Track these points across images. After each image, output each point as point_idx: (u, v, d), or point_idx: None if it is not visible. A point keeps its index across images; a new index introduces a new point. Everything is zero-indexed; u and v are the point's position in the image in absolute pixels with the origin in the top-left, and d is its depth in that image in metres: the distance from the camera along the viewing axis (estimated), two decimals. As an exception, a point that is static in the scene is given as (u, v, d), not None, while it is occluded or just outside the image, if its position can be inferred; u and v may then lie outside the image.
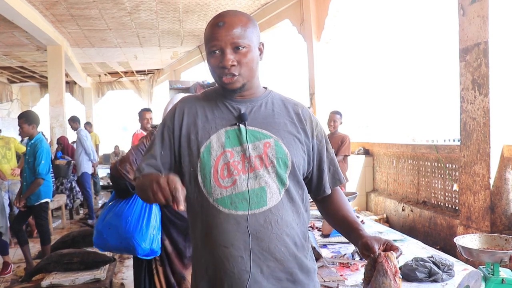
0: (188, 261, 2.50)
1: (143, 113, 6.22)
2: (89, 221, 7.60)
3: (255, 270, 1.34)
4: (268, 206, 1.36)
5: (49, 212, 5.85)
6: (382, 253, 1.26)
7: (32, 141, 4.83)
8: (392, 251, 1.26)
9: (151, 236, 2.39)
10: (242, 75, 1.37)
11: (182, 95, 1.88)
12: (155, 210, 2.44)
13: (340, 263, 2.69)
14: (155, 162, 1.44)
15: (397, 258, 1.26)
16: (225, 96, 1.45)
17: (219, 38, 1.35)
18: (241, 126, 1.39)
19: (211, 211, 1.37)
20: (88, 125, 11.66)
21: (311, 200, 1.57)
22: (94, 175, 8.94)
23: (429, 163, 5.95)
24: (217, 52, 1.36)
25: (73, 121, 8.20)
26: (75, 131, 8.13)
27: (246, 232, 1.34)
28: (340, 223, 1.50)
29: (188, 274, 2.41)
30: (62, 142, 8.71)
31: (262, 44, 1.46)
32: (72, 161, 8.00)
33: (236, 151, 1.38)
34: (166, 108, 2.49)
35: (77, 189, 8.18)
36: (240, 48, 1.35)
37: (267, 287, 1.35)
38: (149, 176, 1.32)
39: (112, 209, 2.48)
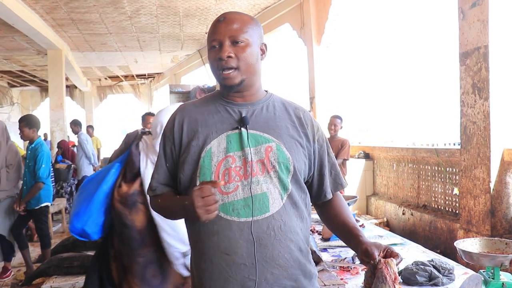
0: (131, 261, 2.47)
1: (147, 117, 6.23)
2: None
3: (259, 278, 1.31)
4: (271, 212, 1.33)
5: (49, 216, 5.85)
6: (382, 260, 1.25)
7: (33, 145, 4.84)
8: (392, 258, 1.25)
9: (85, 217, 2.43)
10: (239, 69, 1.37)
11: (174, 107, 1.83)
12: (99, 198, 2.47)
13: (341, 266, 2.69)
14: (163, 177, 1.47)
15: (397, 264, 1.25)
16: (225, 99, 1.44)
17: (219, 31, 1.37)
18: (243, 129, 1.37)
19: None
20: (90, 128, 11.72)
21: (311, 204, 1.56)
22: (94, 179, 8.93)
23: (429, 167, 5.94)
24: (217, 46, 1.38)
25: (75, 125, 8.21)
26: (76, 135, 8.15)
27: (249, 239, 1.31)
28: (339, 228, 1.48)
29: (129, 273, 2.40)
30: (62, 146, 8.72)
31: (265, 45, 1.47)
32: (72, 165, 8.01)
33: (238, 156, 1.35)
34: (158, 117, 2.48)
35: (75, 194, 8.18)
36: (239, 42, 1.36)
37: None
38: (170, 198, 1.43)
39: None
